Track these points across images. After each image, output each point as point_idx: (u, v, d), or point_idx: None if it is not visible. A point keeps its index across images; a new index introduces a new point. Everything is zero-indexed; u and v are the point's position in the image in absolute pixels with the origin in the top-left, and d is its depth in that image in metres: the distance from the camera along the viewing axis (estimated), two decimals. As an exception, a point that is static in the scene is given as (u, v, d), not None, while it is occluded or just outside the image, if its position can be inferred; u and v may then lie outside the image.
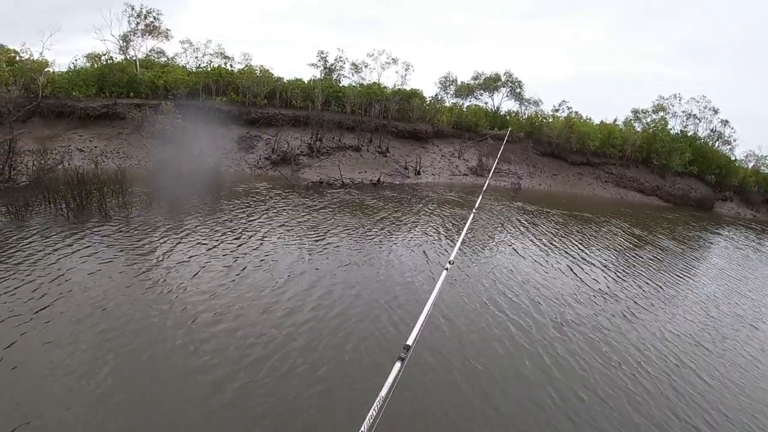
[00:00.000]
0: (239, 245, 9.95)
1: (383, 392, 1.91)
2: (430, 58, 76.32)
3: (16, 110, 18.06)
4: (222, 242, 10.03)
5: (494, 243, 12.98)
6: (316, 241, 11.00)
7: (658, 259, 13.88)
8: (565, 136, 28.75)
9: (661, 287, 10.87)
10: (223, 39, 72.93)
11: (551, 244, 13.51)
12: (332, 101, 24.60)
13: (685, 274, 12.63)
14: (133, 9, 24.30)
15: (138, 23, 24.31)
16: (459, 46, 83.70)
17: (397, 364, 2.12)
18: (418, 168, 23.99)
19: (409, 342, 2.32)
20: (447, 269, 3.23)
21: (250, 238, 10.60)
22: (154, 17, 24.36)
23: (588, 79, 75.14)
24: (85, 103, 21.63)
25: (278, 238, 10.88)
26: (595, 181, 29.31)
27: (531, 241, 13.61)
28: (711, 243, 19.01)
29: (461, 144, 26.90)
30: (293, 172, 20.78)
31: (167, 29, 24.94)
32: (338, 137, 23.32)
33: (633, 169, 30.42)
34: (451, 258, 3.42)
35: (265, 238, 10.69)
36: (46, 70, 22.66)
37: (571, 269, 11.11)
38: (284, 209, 13.95)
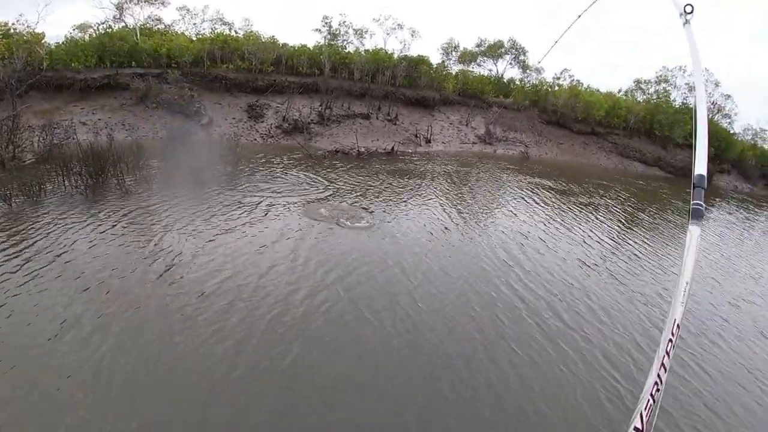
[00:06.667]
0: (266, 219, 9.77)
1: None
2: (430, 21, 73.42)
3: (18, 84, 17.21)
4: (251, 217, 9.69)
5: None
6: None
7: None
8: (571, 106, 28.71)
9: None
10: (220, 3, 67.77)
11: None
12: (339, 68, 24.09)
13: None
14: (128, -26, 23.19)
15: (134, -11, 23.25)
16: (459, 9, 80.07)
17: None
18: (428, 136, 23.88)
19: None
20: None
21: (278, 209, 10.43)
22: (151, -18, 23.33)
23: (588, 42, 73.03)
24: (85, 74, 20.74)
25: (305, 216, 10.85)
26: (600, 151, 29.50)
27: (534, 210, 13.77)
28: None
29: (468, 112, 26.75)
30: (306, 141, 20.51)
31: (164, -5, 23.92)
32: (347, 105, 22.98)
33: (636, 140, 30.62)
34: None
35: (290, 212, 10.51)
36: (43, 42, 21.65)
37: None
38: (310, 180, 13.62)
